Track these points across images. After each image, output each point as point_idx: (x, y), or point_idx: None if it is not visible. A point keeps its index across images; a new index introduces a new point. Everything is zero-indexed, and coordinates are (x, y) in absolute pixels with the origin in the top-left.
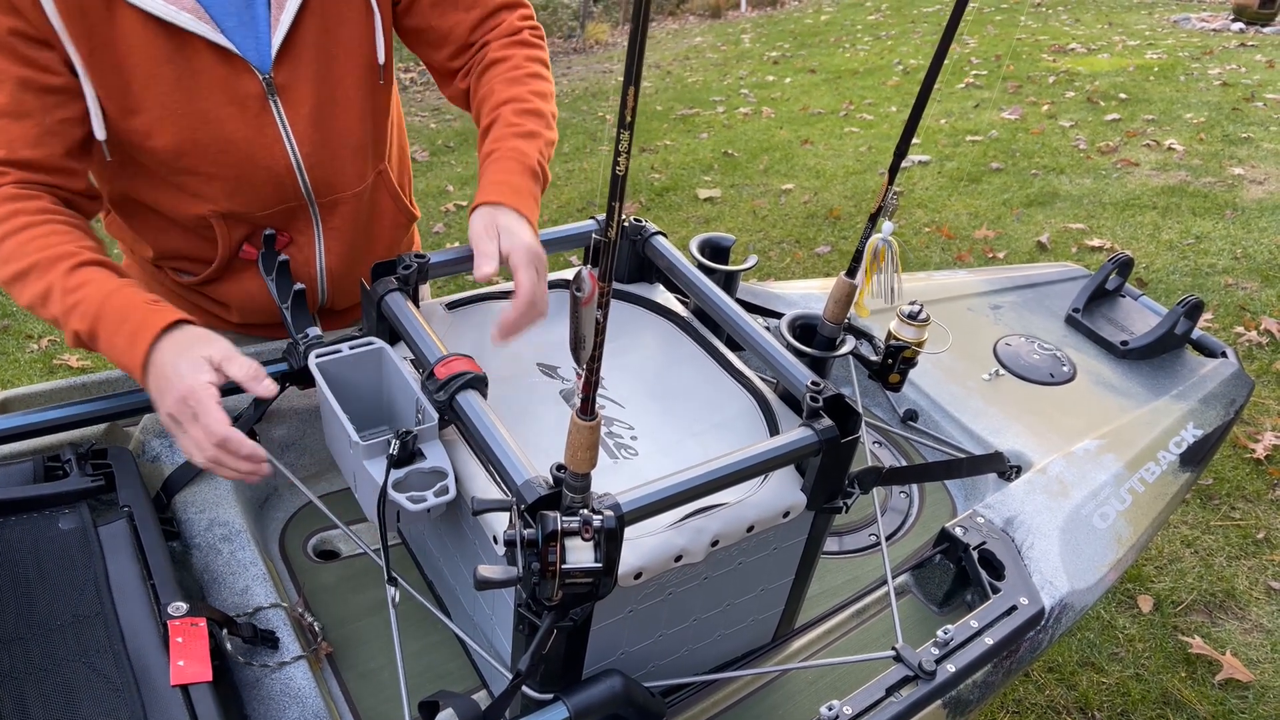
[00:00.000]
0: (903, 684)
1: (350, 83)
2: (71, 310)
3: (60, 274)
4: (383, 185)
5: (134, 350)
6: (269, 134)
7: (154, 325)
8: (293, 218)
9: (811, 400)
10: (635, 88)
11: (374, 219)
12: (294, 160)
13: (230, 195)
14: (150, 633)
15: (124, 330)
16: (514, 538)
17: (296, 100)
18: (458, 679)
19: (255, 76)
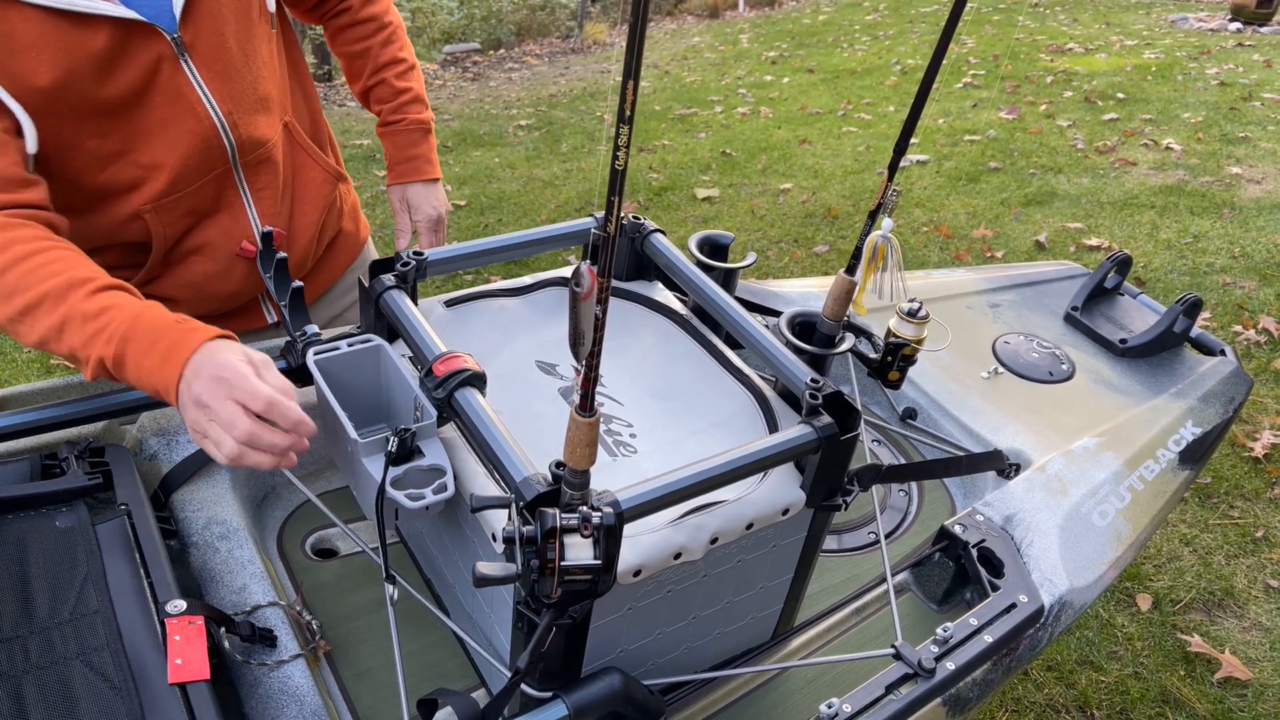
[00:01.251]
0: (902, 682)
1: (245, 33)
2: (95, 337)
3: (78, 300)
4: (294, 140)
5: (167, 368)
6: (189, 96)
7: (190, 343)
8: (221, 190)
9: (811, 397)
10: (635, 82)
11: (296, 176)
12: (216, 119)
13: (163, 173)
14: (148, 631)
15: (156, 350)
16: (513, 535)
17: (206, 57)
18: (457, 677)
19: (164, 39)
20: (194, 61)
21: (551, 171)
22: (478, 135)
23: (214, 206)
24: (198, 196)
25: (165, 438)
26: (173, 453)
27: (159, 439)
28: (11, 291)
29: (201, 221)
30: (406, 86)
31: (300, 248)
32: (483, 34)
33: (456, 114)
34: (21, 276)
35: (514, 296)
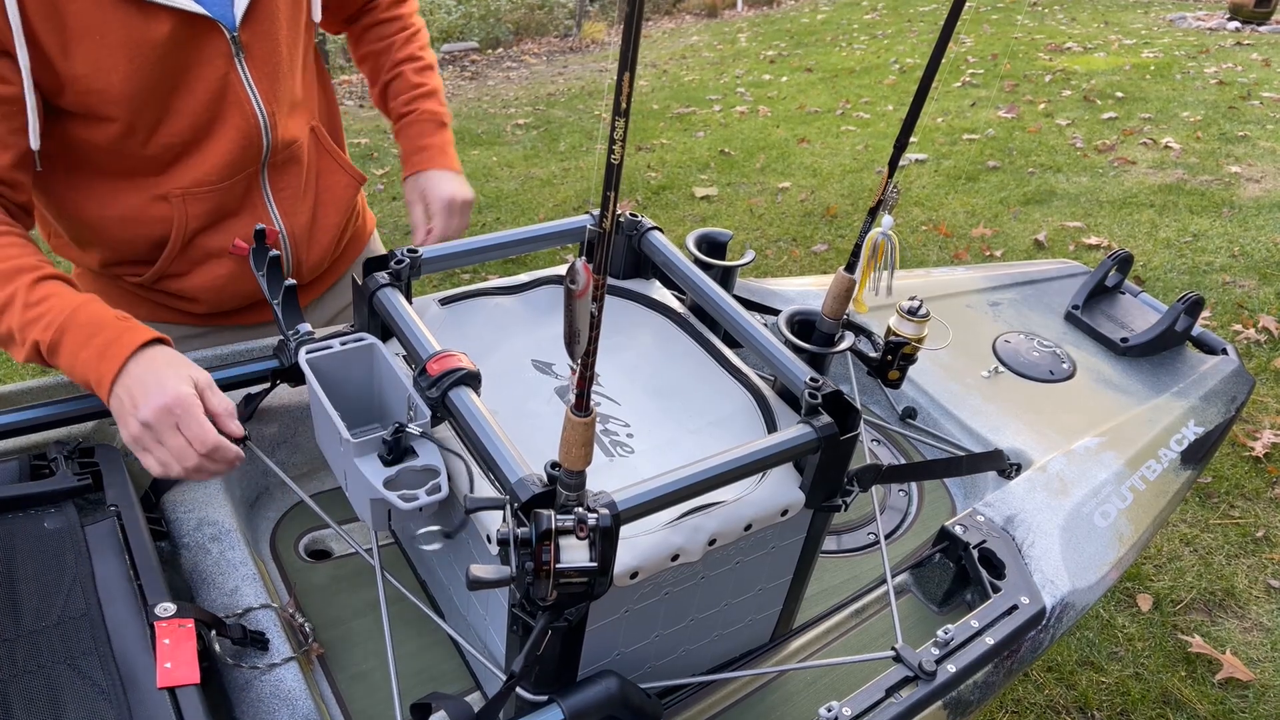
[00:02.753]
0: (902, 684)
1: (291, 37)
2: (34, 322)
3: (24, 286)
4: (319, 142)
5: (104, 363)
6: (236, 93)
7: (130, 341)
8: (248, 190)
9: (810, 397)
10: (630, 74)
11: (320, 179)
12: (261, 118)
13: (199, 163)
14: (137, 634)
15: (94, 343)
16: (507, 536)
17: (259, 57)
18: (451, 680)
19: (224, 37)
20: (248, 61)
21: (549, 170)
22: (475, 134)
23: (239, 206)
24: (226, 194)
25: None
26: None
27: None
28: None
29: (225, 220)
30: (422, 81)
31: (320, 248)
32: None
33: (454, 113)
34: None
35: (510, 295)
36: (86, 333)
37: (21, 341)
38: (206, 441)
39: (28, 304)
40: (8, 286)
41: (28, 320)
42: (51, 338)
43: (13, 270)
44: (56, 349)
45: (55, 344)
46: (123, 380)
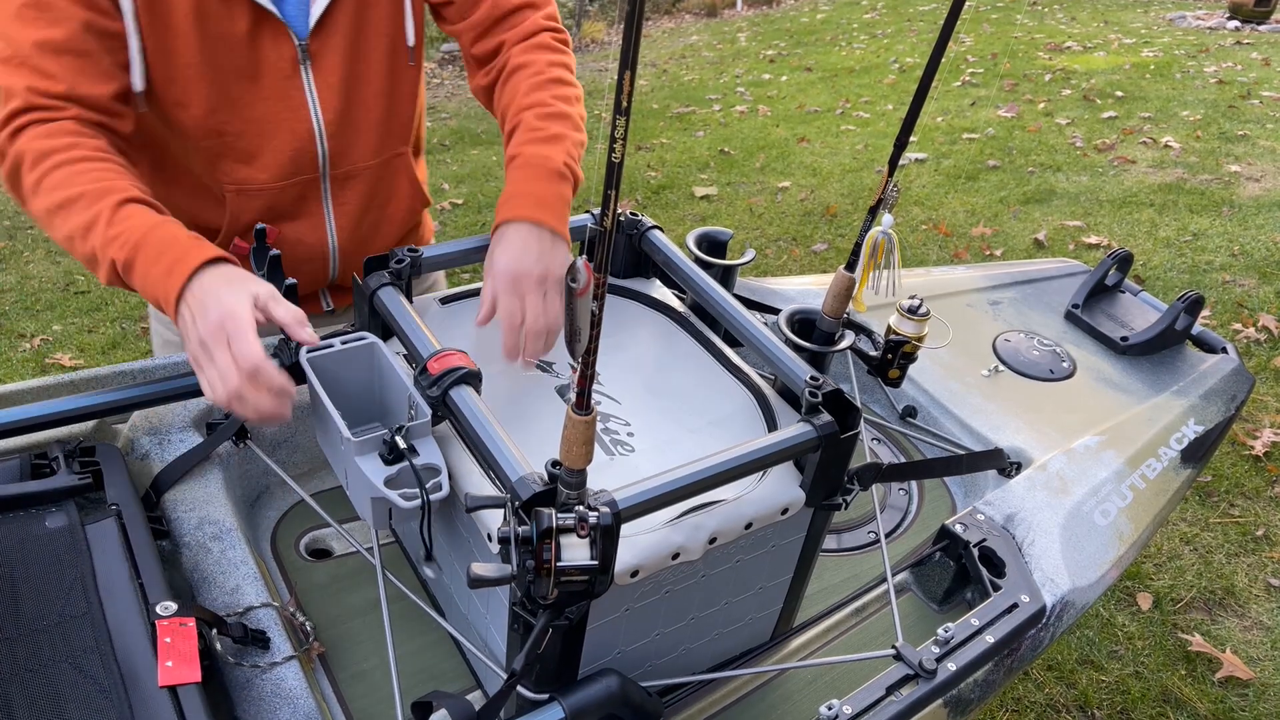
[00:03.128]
0: (903, 683)
1: (376, 59)
2: (113, 240)
3: (108, 206)
4: (401, 168)
5: (171, 279)
6: (296, 99)
7: (196, 257)
8: (304, 194)
9: (810, 395)
10: (631, 72)
11: (389, 200)
12: (316, 128)
13: (248, 163)
14: (138, 633)
15: (164, 260)
16: (508, 535)
17: (326, 69)
18: (452, 679)
19: (291, 42)
20: (314, 70)
21: None
22: (475, 133)
23: (294, 210)
24: (280, 196)
25: (157, 436)
26: (165, 452)
27: (151, 438)
28: (56, 185)
29: (277, 221)
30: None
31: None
32: None
33: (454, 112)
34: (70, 175)
35: None
36: (158, 251)
37: (102, 261)
38: (249, 358)
39: (110, 223)
40: (94, 206)
41: (108, 239)
42: (126, 256)
43: (101, 191)
44: (131, 267)
45: (130, 262)
46: (185, 298)
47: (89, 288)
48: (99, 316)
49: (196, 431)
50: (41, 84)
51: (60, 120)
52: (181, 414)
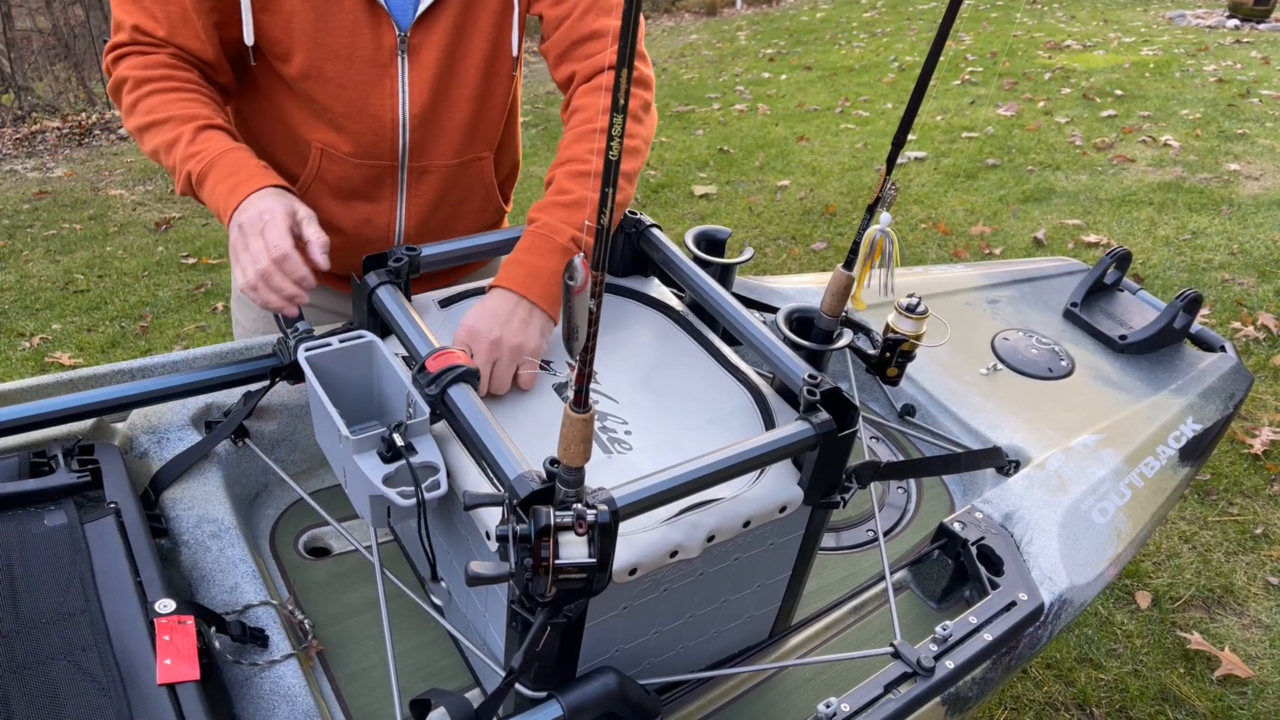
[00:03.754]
0: (901, 680)
1: (473, 63)
2: (191, 156)
3: (191, 129)
4: (479, 172)
5: (233, 196)
6: (387, 87)
7: (260, 181)
8: (380, 178)
9: (808, 394)
10: (628, 70)
11: (462, 200)
12: (401, 117)
13: (335, 131)
14: (137, 631)
15: (231, 179)
16: (506, 533)
17: (422, 64)
18: (451, 677)
19: (393, 31)
20: (409, 61)
21: (546, 169)
22: None
23: (367, 190)
24: (357, 172)
25: (156, 435)
26: (163, 450)
27: (149, 436)
28: (150, 109)
29: (351, 199)
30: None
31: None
32: None
33: None
34: (161, 101)
35: None
36: (228, 170)
37: (179, 172)
38: (280, 247)
39: (190, 142)
40: (179, 128)
41: (187, 155)
42: (201, 170)
43: (187, 115)
44: (202, 181)
45: (202, 176)
46: (241, 208)
47: (88, 286)
48: (98, 315)
49: (195, 430)
50: (146, 24)
51: (157, 54)
52: (180, 412)
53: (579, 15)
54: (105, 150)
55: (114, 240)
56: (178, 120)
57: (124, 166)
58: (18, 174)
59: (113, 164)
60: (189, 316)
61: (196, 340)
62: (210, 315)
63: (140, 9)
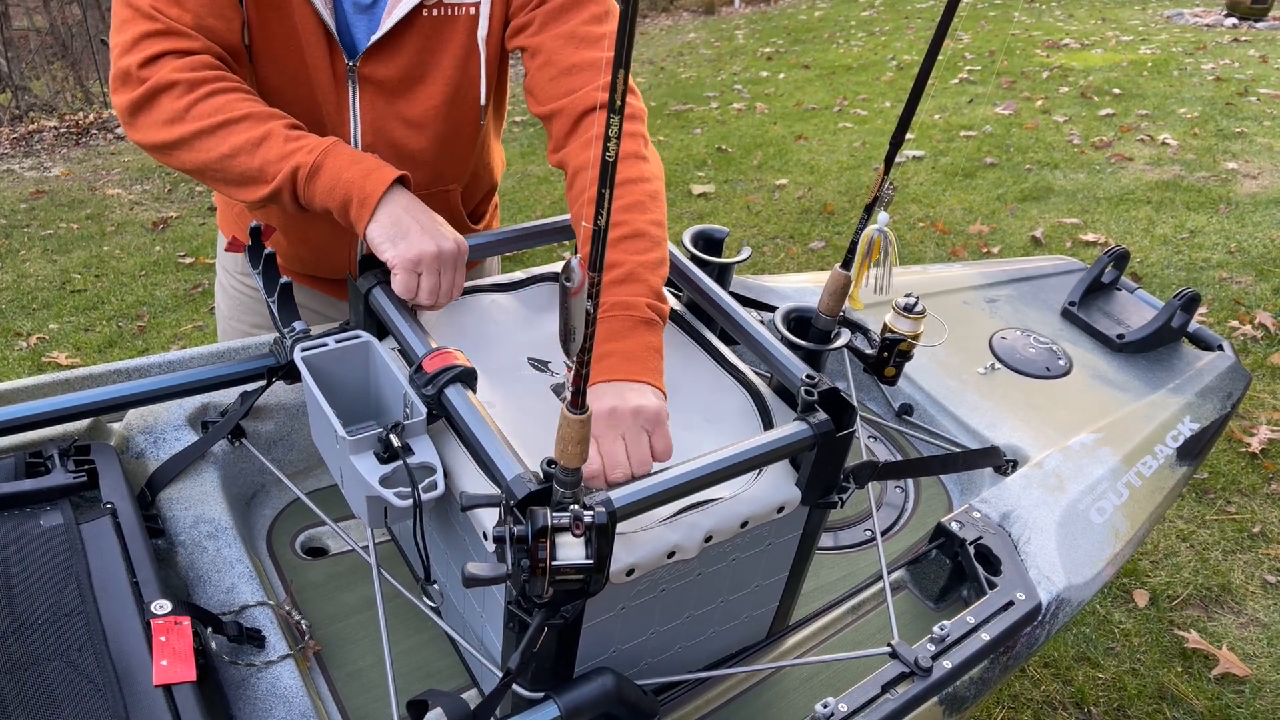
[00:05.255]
0: (899, 680)
1: (430, 105)
2: (295, 151)
3: (281, 125)
4: (445, 201)
5: (369, 182)
6: (342, 115)
7: (392, 170)
8: None
9: (806, 394)
10: (625, 70)
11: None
12: (354, 143)
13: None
14: (133, 631)
15: (359, 166)
16: (503, 534)
17: (373, 94)
18: (448, 677)
19: (343, 60)
20: (359, 91)
21: (545, 168)
22: None
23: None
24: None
25: (152, 435)
26: (160, 450)
27: (146, 436)
28: (215, 110)
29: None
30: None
31: None
32: None
33: None
34: (229, 100)
35: (505, 292)
36: (350, 158)
37: (276, 171)
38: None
39: (288, 138)
40: (265, 125)
41: (289, 150)
42: (316, 160)
43: (268, 114)
44: (319, 170)
45: (318, 166)
46: (390, 203)
47: (85, 286)
48: (95, 315)
49: (192, 430)
50: (172, 10)
51: (199, 55)
52: (177, 412)
53: (559, 48)
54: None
55: (111, 240)
56: (258, 118)
57: (121, 166)
58: (15, 173)
59: (110, 163)
60: (186, 316)
61: (194, 340)
62: (208, 315)
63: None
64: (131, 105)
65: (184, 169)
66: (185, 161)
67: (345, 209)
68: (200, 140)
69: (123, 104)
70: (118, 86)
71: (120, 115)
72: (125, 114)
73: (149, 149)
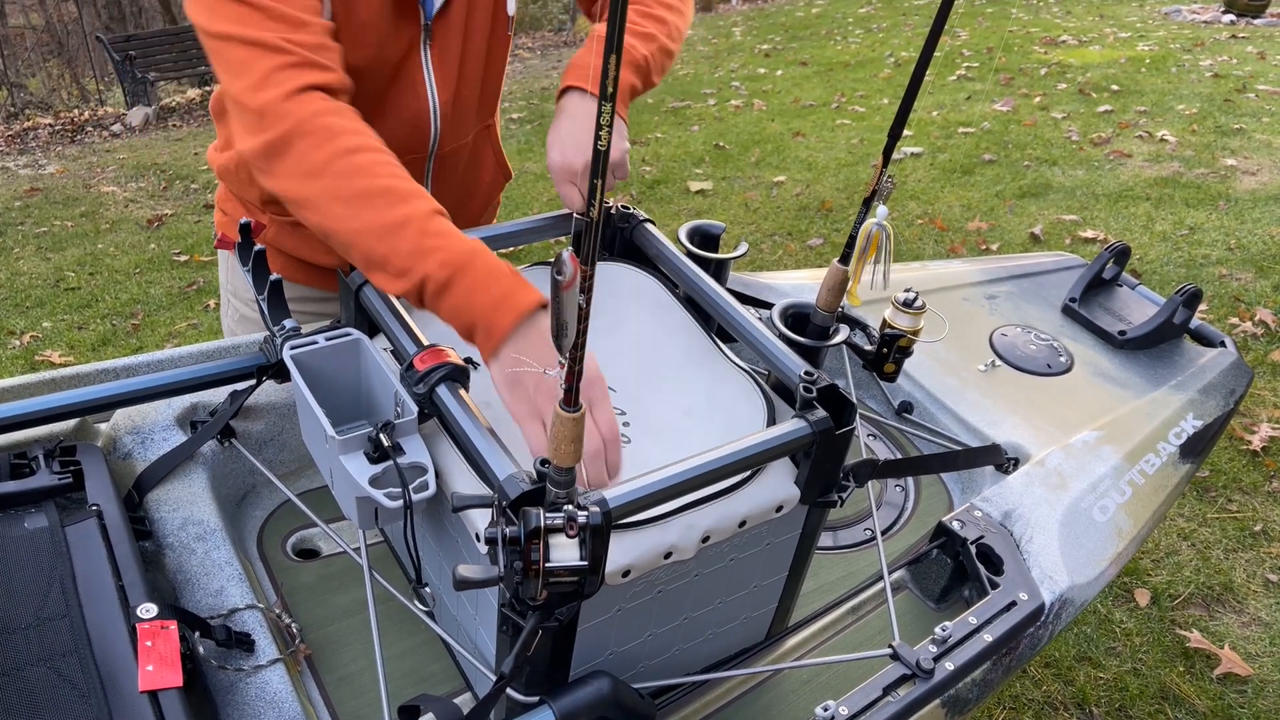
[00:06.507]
0: (900, 683)
1: (482, 35)
2: (430, 253)
3: (422, 212)
4: (488, 139)
5: (500, 313)
6: (415, 77)
7: (530, 299)
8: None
9: (805, 391)
10: (617, 56)
11: (476, 173)
12: (433, 108)
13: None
14: (119, 636)
15: (493, 290)
16: (495, 535)
17: (444, 48)
18: (441, 681)
19: (418, 21)
20: (433, 50)
21: (542, 166)
22: None
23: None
24: None
25: (140, 435)
26: (148, 451)
27: (133, 437)
28: (354, 171)
29: None
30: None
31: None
32: None
33: None
34: (369, 163)
35: None
36: (486, 277)
37: (406, 271)
38: (615, 427)
39: (425, 232)
40: (403, 206)
41: (424, 249)
42: (448, 276)
43: (411, 192)
44: (448, 287)
45: (448, 282)
46: (524, 333)
47: (79, 284)
48: (89, 313)
49: (180, 430)
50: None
51: (342, 93)
52: (165, 412)
53: None
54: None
55: (106, 237)
56: (398, 195)
57: (116, 163)
58: (9, 171)
59: (105, 161)
60: (180, 314)
61: (188, 338)
62: (202, 313)
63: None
64: (268, 148)
65: (312, 229)
66: (312, 224)
67: (469, 334)
68: (331, 206)
69: (258, 148)
70: (251, 129)
71: (255, 162)
72: (261, 158)
73: (283, 200)
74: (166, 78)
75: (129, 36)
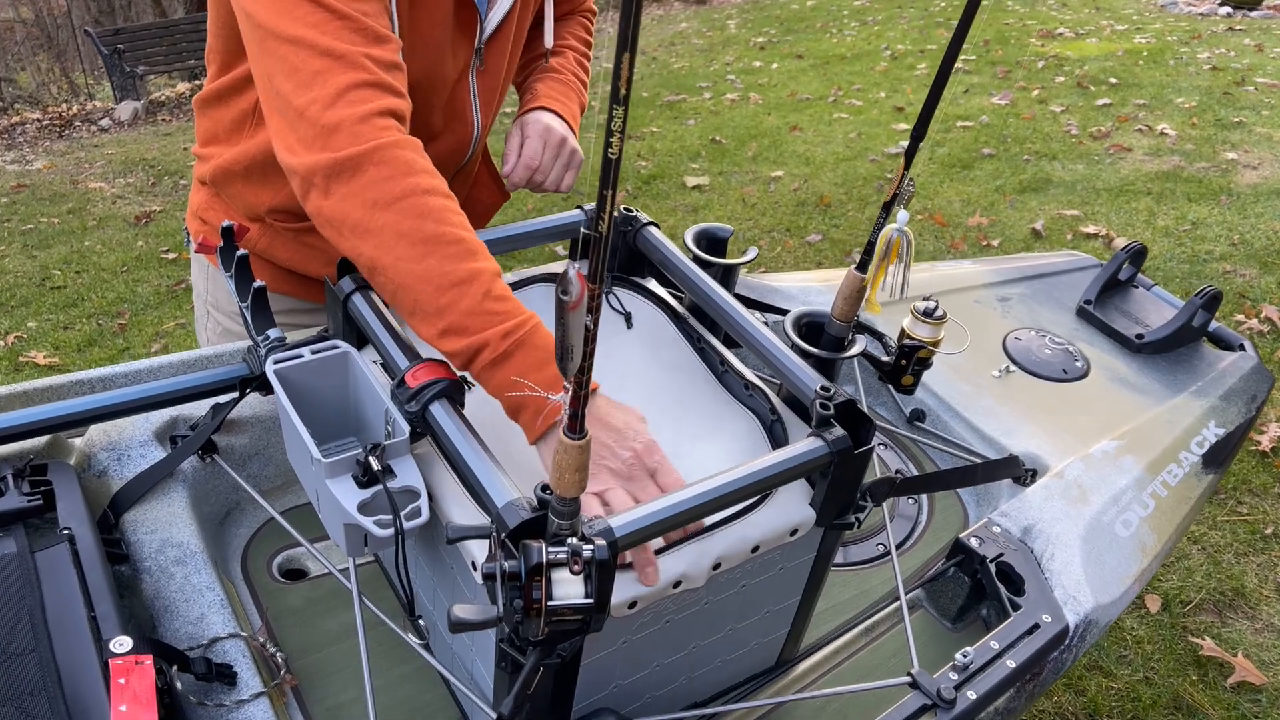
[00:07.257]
0: (920, 713)
1: (516, 61)
2: (494, 319)
3: (489, 273)
4: (484, 157)
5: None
6: (464, 99)
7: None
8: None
9: (822, 408)
10: (631, 55)
11: (475, 192)
12: (474, 132)
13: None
14: (90, 672)
15: (546, 373)
16: (493, 571)
17: (489, 73)
18: (436, 711)
19: (473, 42)
20: (479, 75)
21: None
22: None
23: None
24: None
25: (116, 452)
26: (124, 469)
27: (109, 453)
28: (425, 212)
29: None
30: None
31: None
32: None
33: None
34: (440, 207)
35: None
36: (541, 356)
37: (459, 329)
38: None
39: (490, 295)
40: (471, 261)
41: (487, 313)
42: (504, 349)
43: (479, 249)
44: (506, 360)
45: (506, 355)
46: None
47: (65, 282)
48: (75, 312)
49: (159, 445)
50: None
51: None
52: (143, 427)
53: None
54: (86, 142)
55: (93, 235)
56: (466, 249)
57: (104, 159)
58: None
59: (93, 156)
60: (169, 313)
61: (176, 338)
62: (190, 312)
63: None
64: (334, 167)
65: (356, 259)
66: (362, 252)
67: (516, 413)
68: (394, 243)
69: (321, 164)
70: (312, 144)
71: (311, 177)
72: (321, 175)
73: (332, 222)
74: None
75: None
